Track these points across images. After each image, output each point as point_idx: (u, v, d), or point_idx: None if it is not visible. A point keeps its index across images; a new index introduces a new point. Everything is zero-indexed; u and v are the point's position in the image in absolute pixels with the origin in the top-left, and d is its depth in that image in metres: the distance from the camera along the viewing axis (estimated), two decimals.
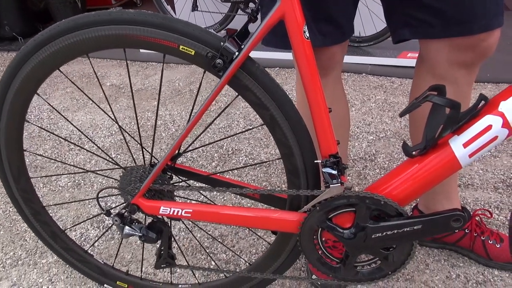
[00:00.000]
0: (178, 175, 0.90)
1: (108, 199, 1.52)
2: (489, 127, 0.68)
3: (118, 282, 1.07)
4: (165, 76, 2.57)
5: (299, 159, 0.79)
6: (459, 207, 1.17)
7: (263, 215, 0.82)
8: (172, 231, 1.35)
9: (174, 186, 0.85)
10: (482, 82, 2.15)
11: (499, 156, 1.59)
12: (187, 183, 0.92)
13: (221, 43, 0.71)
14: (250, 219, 0.82)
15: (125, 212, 0.87)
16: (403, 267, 0.81)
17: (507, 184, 1.44)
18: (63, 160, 1.79)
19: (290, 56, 0.72)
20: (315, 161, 0.80)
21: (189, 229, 1.27)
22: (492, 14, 0.81)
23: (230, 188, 0.84)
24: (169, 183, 0.88)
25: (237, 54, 0.71)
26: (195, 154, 1.77)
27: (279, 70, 2.51)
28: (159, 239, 0.89)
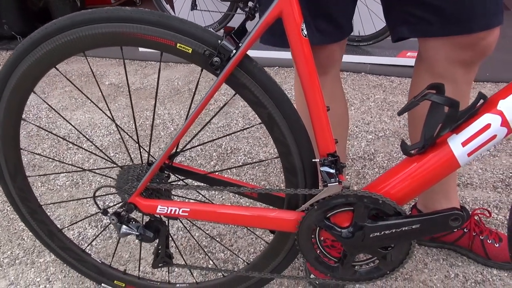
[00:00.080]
0: (175, 174, 0.90)
1: (106, 198, 1.51)
2: (487, 126, 0.68)
3: (115, 281, 1.07)
4: (164, 75, 2.57)
5: (297, 157, 0.78)
6: (458, 206, 1.17)
7: (261, 214, 0.81)
8: (170, 230, 1.35)
9: (171, 185, 0.85)
10: (481, 81, 2.14)
11: (498, 155, 1.58)
12: (184, 182, 0.92)
13: (219, 41, 0.71)
14: (247, 218, 0.82)
15: (122, 211, 0.87)
16: (401, 267, 0.81)
17: (506, 183, 1.44)
18: (62, 159, 1.78)
19: (289, 55, 0.72)
20: (313, 160, 0.79)
21: (187, 229, 1.26)
22: (491, 12, 0.81)
23: (227, 187, 0.83)
24: (166, 182, 0.87)
25: (234, 52, 0.71)
26: (193, 153, 1.77)
27: (278, 69, 2.50)
28: (156, 238, 0.89)
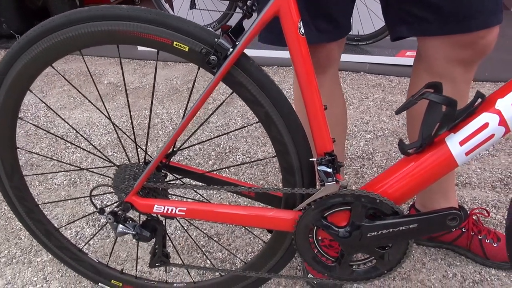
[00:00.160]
0: (172, 173, 0.89)
1: (104, 197, 1.51)
2: (485, 125, 0.68)
3: (112, 280, 1.07)
4: (162, 74, 2.56)
5: (294, 157, 0.78)
6: (456, 206, 1.16)
7: (258, 214, 0.81)
8: (167, 230, 1.35)
9: (168, 184, 0.84)
10: (480, 81, 2.14)
11: (496, 155, 1.58)
12: (182, 181, 0.91)
13: (215, 39, 0.71)
14: (244, 218, 0.82)
15: (119, 210, 0.86)
16: (399, 266, 0.80)
17: (505, 183, 1.43)
18: (60, 158, 1.78)
19: (288, 54, 0.71)
20: (311, 159, 0.79)
21: (185, 228, 1.26)
22: (490, 11, 0.81)
23: (224, 186, 0.83)
24: (163, 181, 0.87)
25: (231, 50, 0.71)
26: (192, 152, 1.76)
27: (277, 68, 2.50)
28: (153, 237, 0.89)
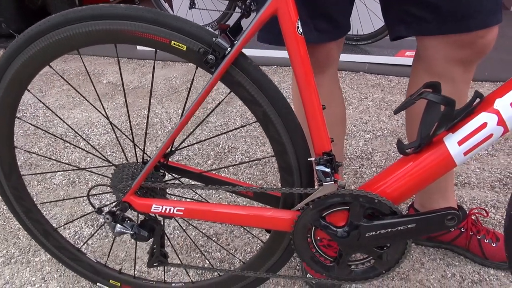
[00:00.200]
0: (170, 173, 0.89)
1: (103, 197, 1.51)
2: (484, 125, 0.67)
3: (111, 280, 1.07)
4: (162, 73, 2.56)
5: (292, 156, 0.78)
6: (455, 206, 1.16)
7: (256, 213, 0.81)
8: (166, 229, 1.35)
9: (165, 183, 0.84)
10: (480, 81, 2.14)
11: (496, 155, 1.58)
12: (180, 181, 0.91)
13: (213, 39, 0.70)
14: (243, 217, 0.82)
15: (117, 210, 0.86)
16: (397, 266, 0.80)
17: (504, 183, 1.43)
18: (58, 157, 1.78)
19: (288, 54, 0.71)
20: (309, 159, 0.79)
21: (183, 228, 1.26)
22: (489, 11, 0.80)
23: (222, 186, 0.82)
24: (161, 181, 0.87)
25: (229, 50, 0.70)
26: (191, 152, 1.76)
27: (276, 68, 2.50)
28: (151, 237, 0.88)
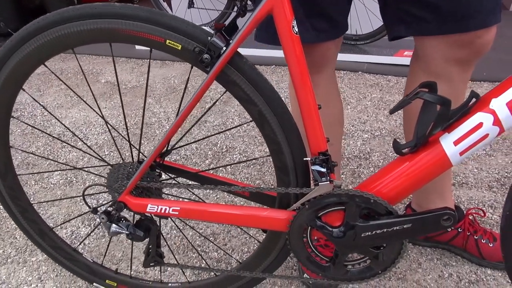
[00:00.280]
0: (166, 172, 0.89)
1: (100, 197, 1.51)
2: (480, 125, 0.67)
3: (107, 280, 1.06)
4: (160, 73, 2.56)
5: (288, 156, 0.78)
6: (453, 206, 1.16)
7: (252, 213, 0.81)
8: (164, 229, 1.34)
9: (161, 183, 0.84)
10: (478, 80, 2.13)
11: (494, 155, 1.58)
12: (176, 180, 0.91)
13: (209, 38, 0.70)
14: (238, 217, 0.81)
15: (112, 210, 0.86)
16: (393, 266, 0.80)
17: (501, 183, 1.43)
18: (56, 157, 1.77)
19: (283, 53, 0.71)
20: (305, 159, 0.79)
21: (179, 228, 1.26)
22: (489, 10, 0.80)
23: (218, 185, 0.82)
24: (157, 181, 0.86)
25: (224, 49, 0.70)
26: (188, 151, 1.76)
27: (275, 67, 2.50)
28: (147, 237, 0.88)
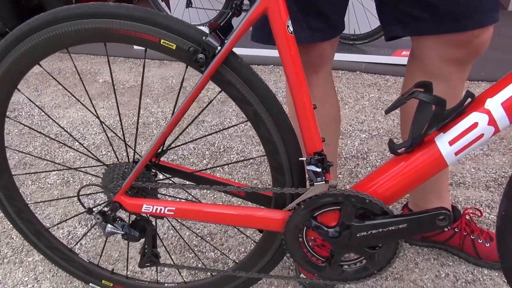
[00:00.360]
0: (162, 172, 0.89)
1: (97, 197, 1.50)
2: (475, 125, 0.67)
3: (103, 280, 1.06)
4: (158, 73, 2.56)
5: (283, 156, 0.77)
6: (450, 206, 1.16)
7: (248, 213, 0.80)
8: (160, 230, 1.34)
9: (156, 183, 0.84)
10: (476, 80, 2.13)
11: (491, 154, 1.58)
12: (172, 180, 0.90)
13: (203, 38, 0.70)
14: (234, 217, 0.81)
15: (107, 210, 0.85)
16: (389, 266, 0.80)
17: (499, 182, 1.43)
18: (53, 157, 1.77)
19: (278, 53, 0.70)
20: (300, 159, 0.78)
21: (175, 228, 1.25)
22: (487, 10, 0.80)
23: (214, 185, 0.82)
24: (153, 181, 0.86)
25: (219, 49, 0.70)
26: (186, 151, 1.76)
27: (273, 67, 2.49)
28: (142, 237, 0.88)
